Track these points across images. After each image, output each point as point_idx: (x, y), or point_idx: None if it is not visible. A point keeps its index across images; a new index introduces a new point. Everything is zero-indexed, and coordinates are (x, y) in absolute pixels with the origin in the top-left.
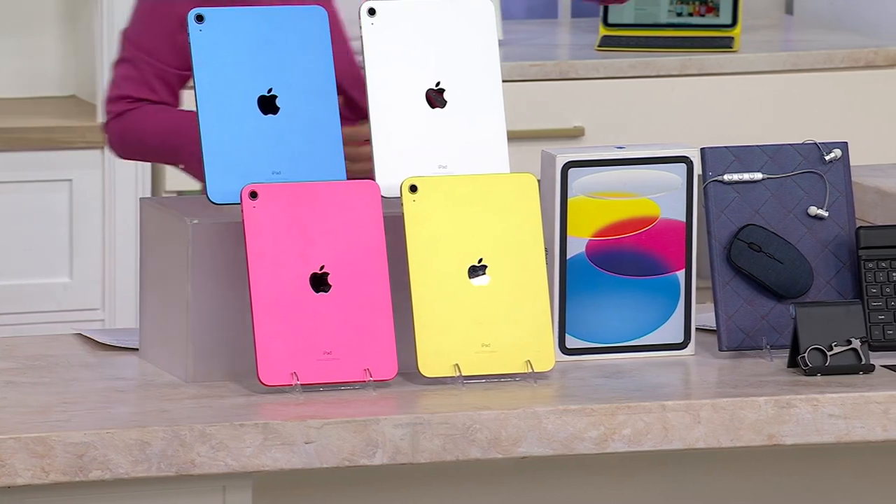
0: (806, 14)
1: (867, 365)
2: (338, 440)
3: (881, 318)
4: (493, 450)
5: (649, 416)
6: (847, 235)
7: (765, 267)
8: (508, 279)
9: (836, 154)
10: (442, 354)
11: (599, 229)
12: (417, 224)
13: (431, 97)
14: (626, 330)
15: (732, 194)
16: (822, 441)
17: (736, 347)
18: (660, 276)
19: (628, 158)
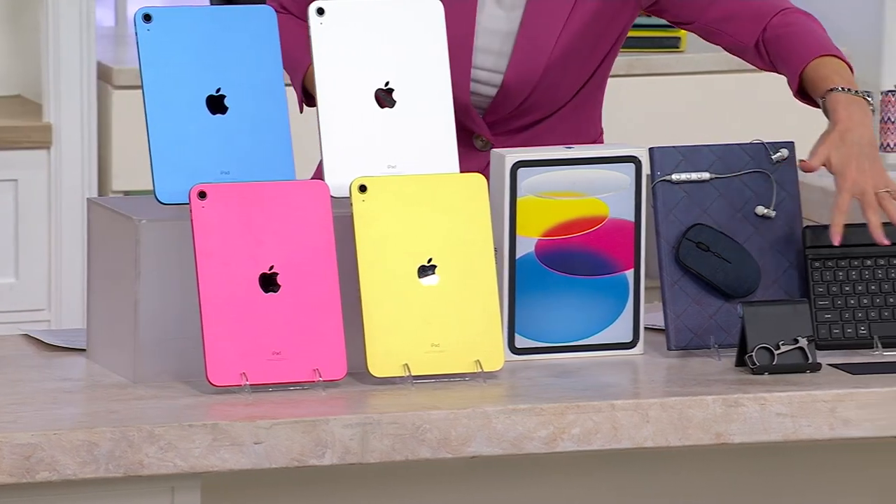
0: None
1: (814, 364)
2: (287, 440)
3: (828, 318)
4: (442, 449)
5: (598, 415)
6: (794, 235)
7: (713, 266)
8: (458, 279)
9: (783, 154)
10: (391, 354)
11: (548, 229)
12: (367, 224)
13: (380, 97)
14: (574, 329)
15: (680, 194)
16: (770, 440)
17: (684, 347)
18: (608, 276)
19: (577, 158)
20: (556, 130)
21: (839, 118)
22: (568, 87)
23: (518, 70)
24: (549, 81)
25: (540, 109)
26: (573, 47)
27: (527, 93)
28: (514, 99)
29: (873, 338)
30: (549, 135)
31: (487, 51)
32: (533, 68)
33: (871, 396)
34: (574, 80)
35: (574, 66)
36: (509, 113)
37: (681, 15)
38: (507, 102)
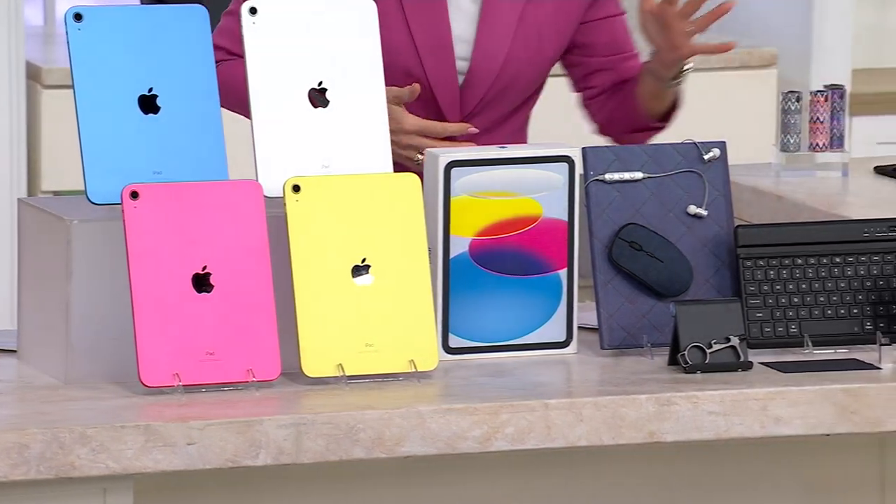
0: None
1: (745, 362)
2: (220, 441)
3: (759, 316)
4: (376, 449)
5: (532, 414)
6: (726, 234)
7: (645, 266)
8: (392, 279)
9: (714, 153)
10: (325, 354)
11: (482, 229)
12: (300, 224)
13: (314, 97)
14: (508, 329)
15: (613, 194)
16: (702, 438)
17: (617, 346)
18: (542, 276)
19: (510, 158)
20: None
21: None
22: (532, 66)
23: (484, 51)
24: (516, 59)
25: (509, 94)
26: (532, 31)
27: (495, 73)
28: (485, 81)
29: (804, 336)
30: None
31: (460, 39)
32: (499, 45)
33: (802, 395)
34: (536, 59)
35: (533, 45)
36: (479, 102)
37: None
38: (478, 86)
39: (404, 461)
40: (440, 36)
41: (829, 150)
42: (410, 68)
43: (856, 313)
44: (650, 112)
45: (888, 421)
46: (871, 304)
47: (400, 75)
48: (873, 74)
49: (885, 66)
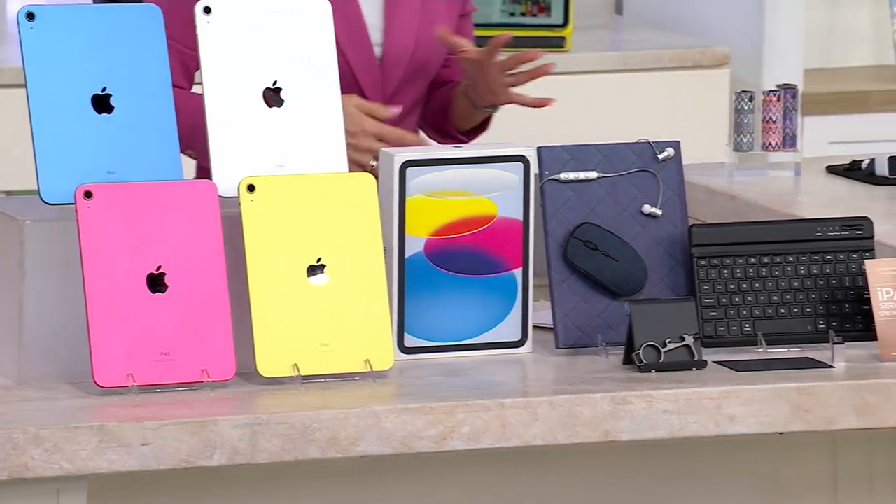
0: (635, 15)
1: (700, 361)
2: (175, 441)
3: (713, 315)
4: (331, 449)
5: (487, 413)
6: (680, 233)
7: (600, 265)
8: (347, 278)
9: (668, 153)
10: (280, 354)
11: (437, 228)
12: (255, 223)
13: (268, 96)
14: (464, 328)
15: (568, 193)
16: (657, 437)
17: (572, 345)
18: (497, 275)
19: (465, 157)
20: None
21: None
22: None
23: (395, 33)
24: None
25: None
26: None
27: (409, 53)
28: (400, 62)
29: (757, 335)
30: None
31: (372, 26)
32: (408, 26)
33: (756, 393)
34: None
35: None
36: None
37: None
38: (395, 68)
39: (360, 461)
40: (355, 24)
41: (782, 150)
42: None
43: (809, 312)
44: (457, 125)
45: (841, 419)
46: (824, 303)
47: None
48: (825, 74)
49: (836, 66)
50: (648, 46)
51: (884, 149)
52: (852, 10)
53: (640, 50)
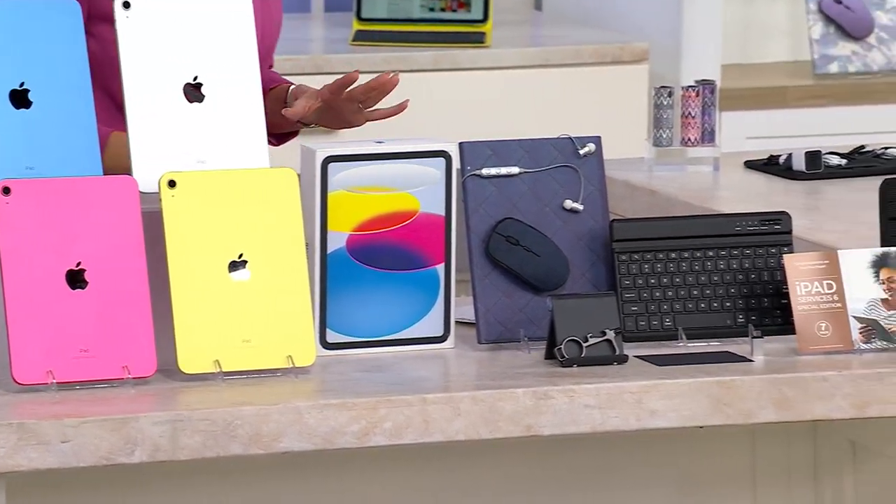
0: (554, 10)
1: (621, 356)
2: (95, 439)
3: (634, 310)
4: (254, 446)
5: (410, 409)
6: (601, 228)
7: (522, 260)
8: (269, 274)
9: (589, 148)
10: (202, 350)
11: (359, 224)
12: (176, 219)
13: (188, 92)
14: (386, 324)
15: (490, 188)
16: (579, 431)
17: (494, 340)
18: (419, 270)
19: (387, 153)
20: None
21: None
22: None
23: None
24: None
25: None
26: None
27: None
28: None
29: (678, 329)
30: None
31: None
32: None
33: (676, 387)
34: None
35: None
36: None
37: None
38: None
39: (282, 457)
40: None
41: (701, 145)
42: None
43: (728, 306)
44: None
45: (760, 413)
46: (744, 298)
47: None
48: (742, 69)
49: (753, 62)
50: (568, 42)
51: (800, 144)
52: (768, 5)
53: (559, 45)
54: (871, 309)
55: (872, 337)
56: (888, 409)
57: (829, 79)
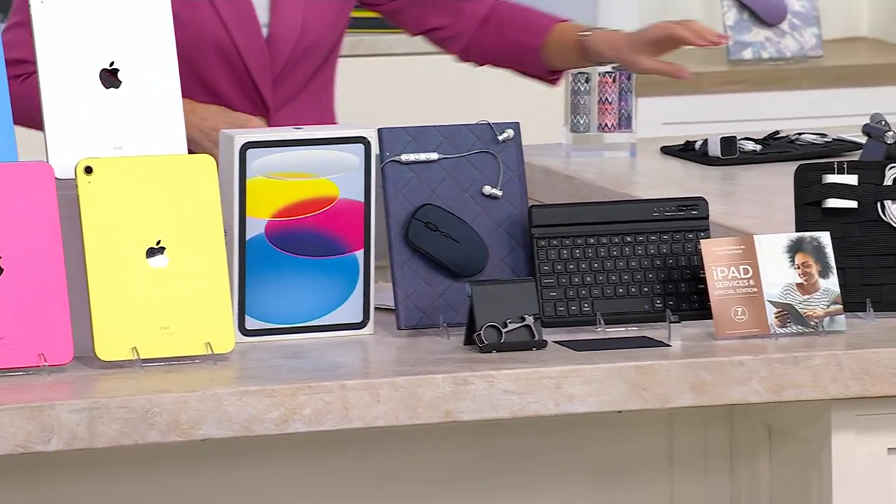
0: None
1: (540, 341)
2: (11, 427)
3: (553, 295)
4: (172, 433)
5: (329, 395)
6: (520, 214)
7: (441, 246)
8: (187, 261)
9: (508, 134)
10: (119, 337)
11: (278, 210)
12: (93, 206)
13: (105, 78)
14: (305, 310)
15: (409, 174)
16: (498, 416)
17: (414, 326)
18: (339, 257)
19: (306, 139)
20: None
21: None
22: (329, 25)
23: (282, 13)
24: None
25: (311, 53)
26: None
27: (297, 32)
28: (288, 42)
29: (596, 315)
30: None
31: (258, 6)
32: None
33: (595, 372)
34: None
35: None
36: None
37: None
38: (282, 48)
39: (201, 444)
40: (242, 5)
41: (618, 131)
42: (219, 40)
43: (646, 291)
44: (550, 66)
45: (677, 397)
46: (661, 283)
47: (210, 49)
48: None
49: None
50: None
51: (716, 129)
52: None
53: None
54: (787, 293)
55: (788, 321)
56: (803, 393)
57: (743, 65)
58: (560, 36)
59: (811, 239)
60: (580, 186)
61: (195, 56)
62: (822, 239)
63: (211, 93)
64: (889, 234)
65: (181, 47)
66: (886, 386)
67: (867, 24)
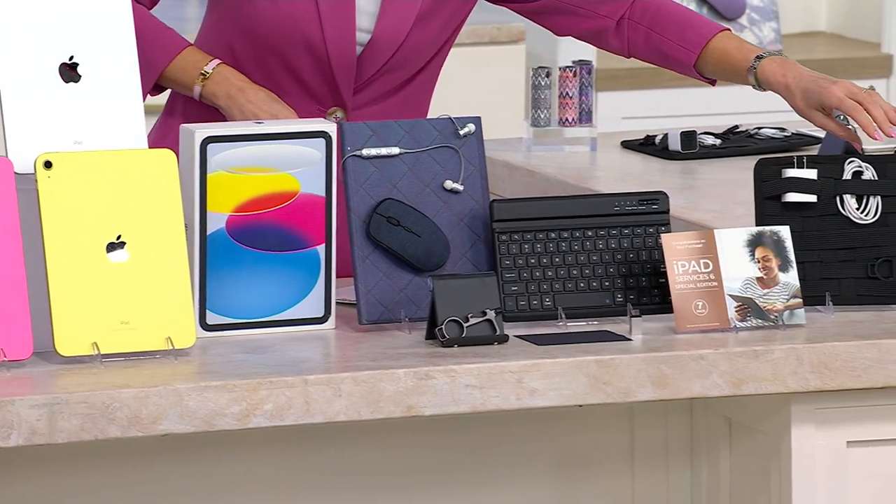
0: None
1: (501, 335)
2: None
3: (514, 290)
4: (133, 428)
5: (291, 390)
6: (481, 208)
7: (403, 240)
8: (148, 256)
9: (469, 129)
10: (79, 333)
11: (239, 205)
12: (53, 201)
13: (64, 72)
14: (266, 305)
15: (371, 169)
16: (459, 411)
17: (375, 320)
18: (300, 251)
19: (267, 133)
20: (409, 103)
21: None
22: (429, 45)
23: (387, 26)
24: (416, 38)
25: (402, 69)
26: (437, 4)
27: (395, 48)
28: (382, 55)
29: (558, 309)
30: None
31: (363, 12)
32: (403, 21)
33: (556, 366)
34: (435, 39)
35: (435, 25)
36: (373, 74)
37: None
38: (375, 60)
39: (162, 440)
40: (345, 6)
41: (578, 125)
42: (311, 37)
43: (607, 286)
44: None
45: (638, 391)
46: (622, 277)
47: (299, 45)
48: None
49: None
50: None
51: (675, 124)
52: None
53: None
54: (747, 287)
55: (748, 315)
56: (763, 387)
57: None
58: (720, 57)
59: (771, 233)
60: (541, 181)
61: (285, 47)
62: (781, 233)
63: (296, 79)
64: (848, 228)
65: (271, 35)
66: (845, 379)
67: (825, 19)
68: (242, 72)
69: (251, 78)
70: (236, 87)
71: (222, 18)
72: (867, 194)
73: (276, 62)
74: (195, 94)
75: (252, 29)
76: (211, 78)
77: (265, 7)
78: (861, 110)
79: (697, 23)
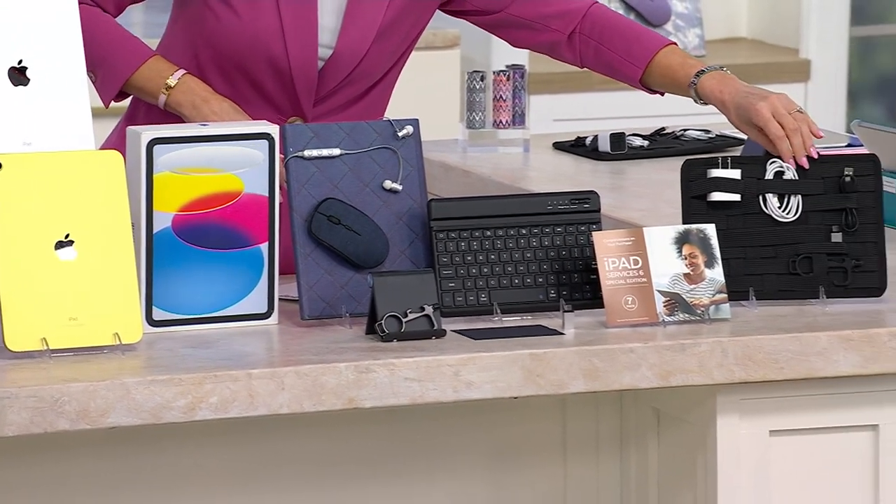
0: None
1: (439, 330)
2: None
3: (451, 286)
4: (81, 421)
5: (235, 384)
6: (419, 208)
7: (343, 238)
8: (95, 254)
9: (408, 130)
10: (29, 328)
11: (185, 204)
12: (2, 200)
13: (13, 75)
14: (212, 301)
15: (312, 169)
16: (399, 403)
17: (317, 316)
18: (244, 249)
19: (212, 135)
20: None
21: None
22: (388, 58)
23: (348, 41)
24: (376, 52)
25: (362, 81)
26: (397, 18)
27: (356, 62)
28: (343, 70)
29: (493, 304)
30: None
31: (325, 28)
32: (364, 36)
33: (492, 360)
34: (394, 51)
35: (395, 38)
36: (333, 87)
37: (484, 4)
38: (336, 73)
39: (110, 432)
40: (307, 23)
41: (512, 127)
42: (274, 52)
43: (541, 282)
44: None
45: (570, 383)
46: (556, 273)
47: (262, 59)
48: None
49: None
50: None
51: (605, 126)
52: None
53: None
54: (675, 283)
55: (676, 310)
56: (690, 378)
57: None
58: (664, 71)
59: (697, 231)
60: (476, 181)
61: (248, 60)
62: (707, 231)
63: (257, 90)
64: (770, 226)
65: (235, 49)
66: (768, 371)
67: (746, 26)
68: (205, 80)
69: (213, 86)
70: (201, 98)
71: (187, 27)
72: (788, 193)
73: (238, 73)
74: (160, 102)
75: (216, 41)
76: (176, 88)
77: (230, 22)
78: (782, 138)
79: (645, 37)
